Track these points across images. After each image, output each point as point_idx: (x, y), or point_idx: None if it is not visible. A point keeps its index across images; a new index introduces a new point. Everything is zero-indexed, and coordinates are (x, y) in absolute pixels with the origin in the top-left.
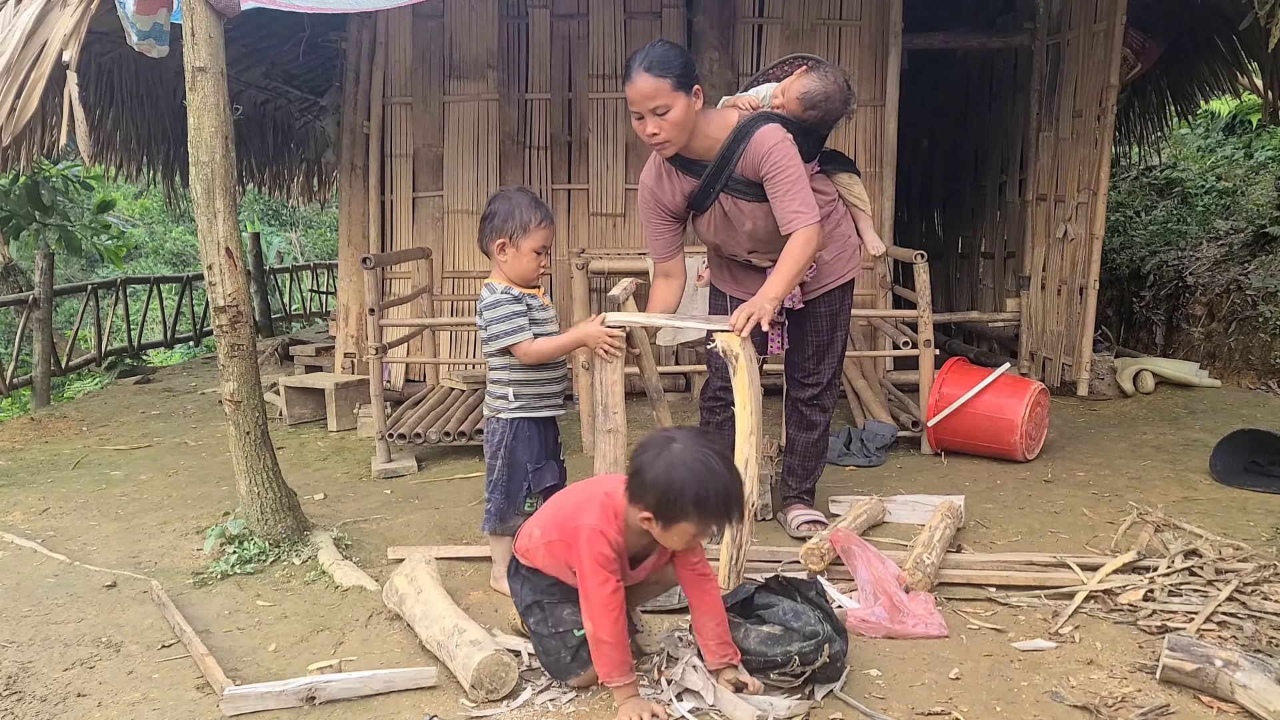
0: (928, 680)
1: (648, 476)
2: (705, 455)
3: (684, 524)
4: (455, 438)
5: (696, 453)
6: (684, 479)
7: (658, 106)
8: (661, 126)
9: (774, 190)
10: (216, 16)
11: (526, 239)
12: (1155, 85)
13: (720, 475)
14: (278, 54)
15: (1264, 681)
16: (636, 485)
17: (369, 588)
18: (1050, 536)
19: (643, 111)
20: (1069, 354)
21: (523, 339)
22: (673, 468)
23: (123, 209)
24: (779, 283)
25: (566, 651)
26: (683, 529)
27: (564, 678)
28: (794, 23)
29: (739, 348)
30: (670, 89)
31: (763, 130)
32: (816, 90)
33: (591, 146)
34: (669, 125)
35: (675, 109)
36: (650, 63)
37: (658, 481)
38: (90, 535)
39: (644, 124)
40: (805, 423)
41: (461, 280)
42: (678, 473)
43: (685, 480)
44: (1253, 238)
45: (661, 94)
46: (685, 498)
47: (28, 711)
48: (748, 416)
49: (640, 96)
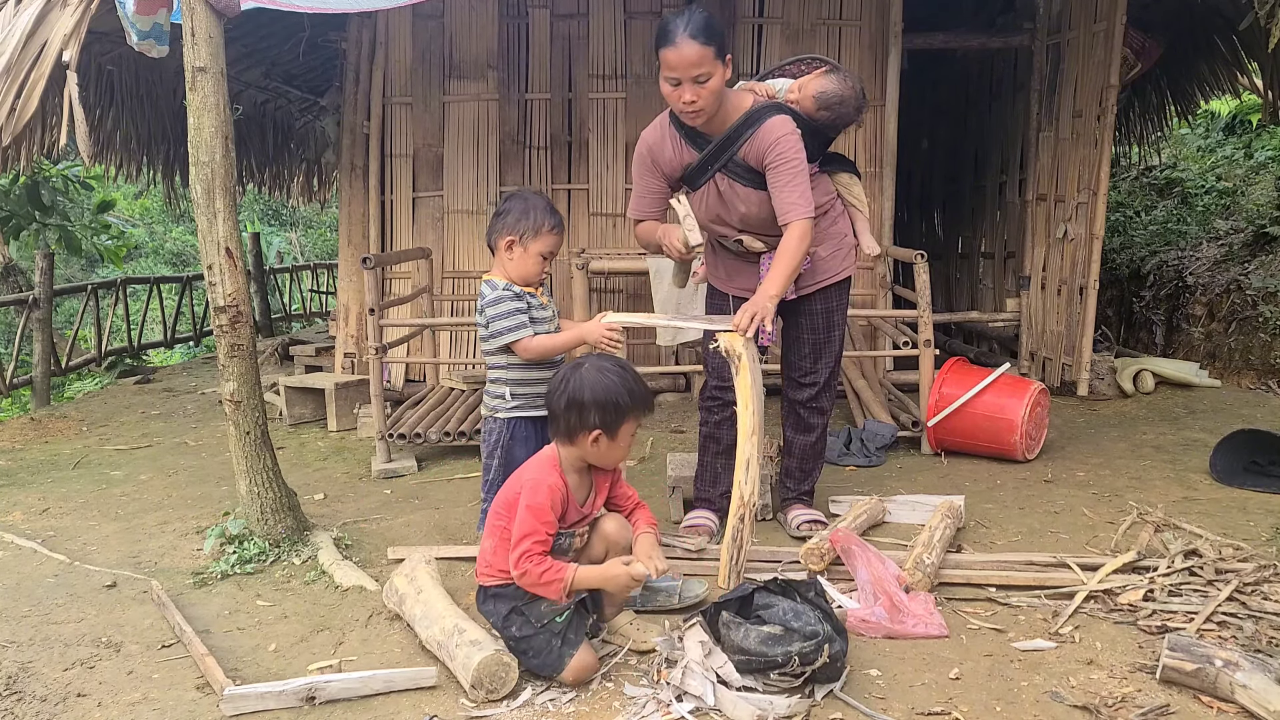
0: (928, 680)
1: (585, 398)
2: (609, 362)
3: (627, 423)
4: (455, 438)
5: (602, 363)
6: (612, 383)
7: (700, 74)
8: (699, 94)
9: (775, 179)
10: (216, 16)
11: (536, 242)
12: (1155, 85)
13: (629, 370)
14: (278, 54)
15: (1264, 681)
16: (575, 415)
17: (369, 588)
18: (1050, 536)
19: (682, 78)
20: (1069, 354)
21: (523, 335)
22: (598, 381)
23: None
24: (777, 279)
25: (555, 638)
26: (626, 429)
27: (560, 667)
28: (794, 22)
29: (741, 347)
30: (712, 57)
31: (774, 119)
32: (833, 92)
33: (591, 146)
34: (707, 93)
35: (714, 78)
36: (695, 29)
37: (596, 396)
38: (90, 535)
39: (680, 90)
40: (803, 425)
41: (462, 280)
42: (604, 381)
43: (612, 384)
44: (1253, 238)
45: (705, 61)
46: (621, 398)
47: (28, 711)
48: (750, 416)
49: (685, 63)
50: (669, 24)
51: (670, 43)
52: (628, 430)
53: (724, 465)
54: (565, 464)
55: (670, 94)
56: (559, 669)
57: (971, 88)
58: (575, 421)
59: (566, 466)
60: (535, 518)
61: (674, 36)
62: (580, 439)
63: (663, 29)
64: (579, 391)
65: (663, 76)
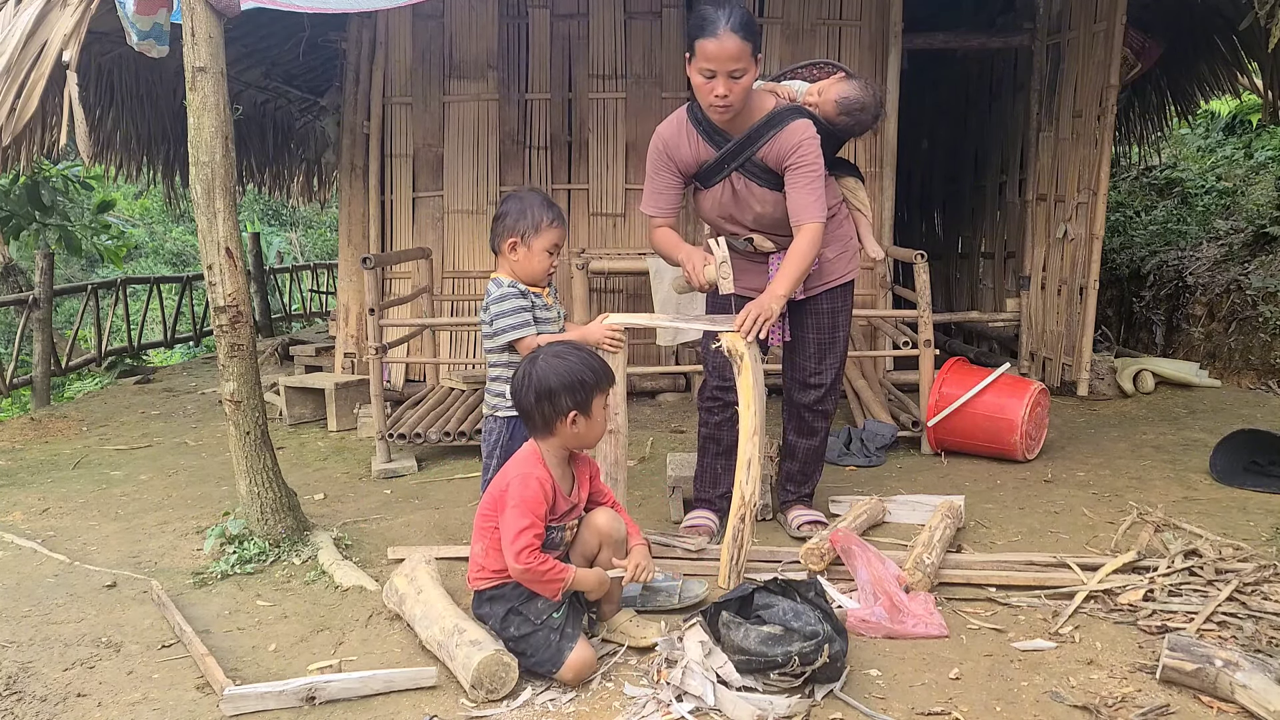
0: (928, 680)
1: (552, 384)
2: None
3: (596, 398)
4: (455, 438)
5: (554, 349)
6: (572, 364)
7: (736, 70)
8: (732, 89)
9: (794, 181)
10: (216, 16)
11: (538, 238)
12: (1155, 85)
13: (582, 349)
14: (278, 54)
15: (1264, 681)
16: (548, 404)
17: (369, 588)
18: (1050, 536)
19: (719, 71)
20: (1069, 354)
21: (526, 334)
22: (559, 366)
23: (123, 209)
24: (786, 280)
25: (553, 634)
26: (598, 404)
27: (559, 661)
28: (794, 23)
29: (744, 347)
30: (750, 54)
31: (799, 121)
32: (855, 99)
33: (591, 146)
34: (739, 90)
35: (748, 75)
36: (738, 23)
37: (562, 380)
38: (90, 535)
39: (714, 84)
40: (806, 428)
41: (462, 280)
42: (564, 364)
43: (573, 365)
44: (1253, 238)
45: (744, 57)
46: (585, 375)
47: (28, 711)
48: (751, 416)
49: (727, 56)
50: (711, 14)
51: (712, 34)
52: (599, 404)
53: (724, 466)
54: (548, 457)
55: (702, 86)
56: (558, 664)
57: (971, 88)
58: (550, 410)
59: (549, 459)
60: (530, 510)
61: (717, 28)
62: (559, 426)
63: (705, 19)
64: (545, 380)
65: (697, 67)
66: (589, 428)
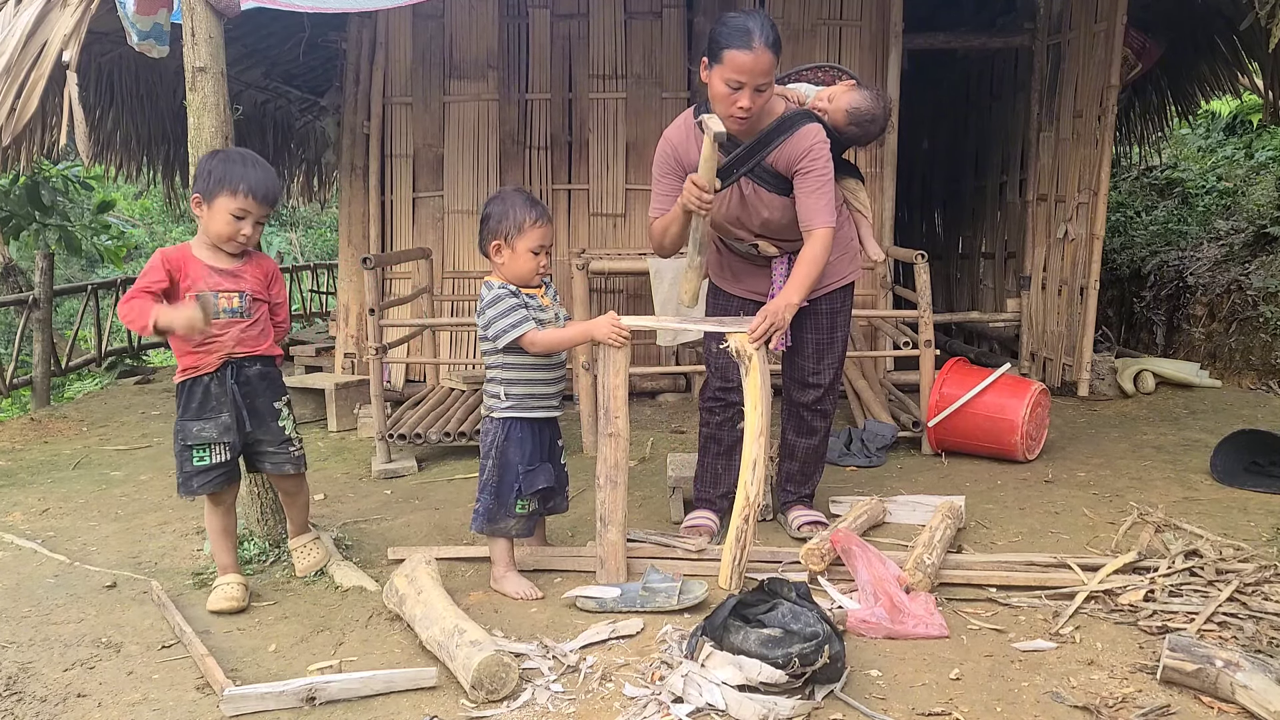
0: (928, 680)
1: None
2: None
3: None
4: (455, 438)
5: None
6: (501, 196)
7: (763, 84)
8: (756, 102)
9: (804, 186)
10: (216, 16)
11: (521, 239)
12: (1156, 85)
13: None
14: (278, 54)
15: (1265, 682)
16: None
17: (369, 588)
18: (1050, 537)
19: (747, 84)
20: (1069, 354)
21: (526, 329)
22: (495, 200)
23: (123, 209)
24: (798, 287)
25: None
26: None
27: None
28: (794, 23)
29: (752, 348)
30: (775, 67)
31: (809, 126)
32: (866, 111)
33: (591, 147)
34: (761, 102)
35: (771, 88)
36: (771, 39)
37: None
38: (90, 535)
39: (738, 96)
40: (805, 428)
41: (461, 280)
42: (500, 198)
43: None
44: (1253, 238)
45: (772, 71)
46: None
47: (28, 712)
48: (758, 417)
49: (760, 70)
50: (747, 26)
51: (747, 46)
52: None
53: (725, 466)
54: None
55: (725, 96)
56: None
57: (972, 88)
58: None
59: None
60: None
61: (751, 40)
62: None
63: (738, 28)
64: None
65: (722, 77)
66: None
